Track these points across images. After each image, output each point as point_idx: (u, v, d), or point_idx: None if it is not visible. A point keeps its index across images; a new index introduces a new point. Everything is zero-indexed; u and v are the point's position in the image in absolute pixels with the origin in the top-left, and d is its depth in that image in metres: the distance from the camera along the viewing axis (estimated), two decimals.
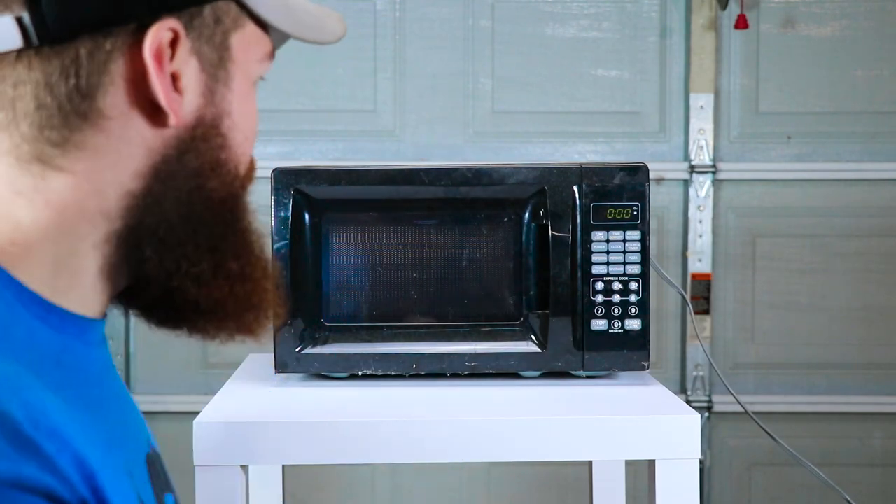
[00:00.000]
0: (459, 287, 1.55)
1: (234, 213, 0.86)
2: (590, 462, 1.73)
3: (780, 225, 3.09)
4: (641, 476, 1.36)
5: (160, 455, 0.93)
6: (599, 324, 1.53)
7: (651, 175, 1.56)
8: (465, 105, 3.08)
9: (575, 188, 1.53)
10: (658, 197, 3.03)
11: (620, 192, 1.53)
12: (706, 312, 3.07)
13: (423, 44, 3.07)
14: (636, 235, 1.53)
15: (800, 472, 2.95)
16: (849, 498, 1.58)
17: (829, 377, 3.10)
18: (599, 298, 1.53)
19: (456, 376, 1.56)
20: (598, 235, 1.53)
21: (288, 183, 1.53)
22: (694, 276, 3.07)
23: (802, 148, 3.08)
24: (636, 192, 1.53)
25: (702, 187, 3.06)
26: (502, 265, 1.55)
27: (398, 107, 3.08)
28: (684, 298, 1.69)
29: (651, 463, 1.32)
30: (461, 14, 3.07)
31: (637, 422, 1.32)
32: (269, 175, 1.53)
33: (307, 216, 1.54)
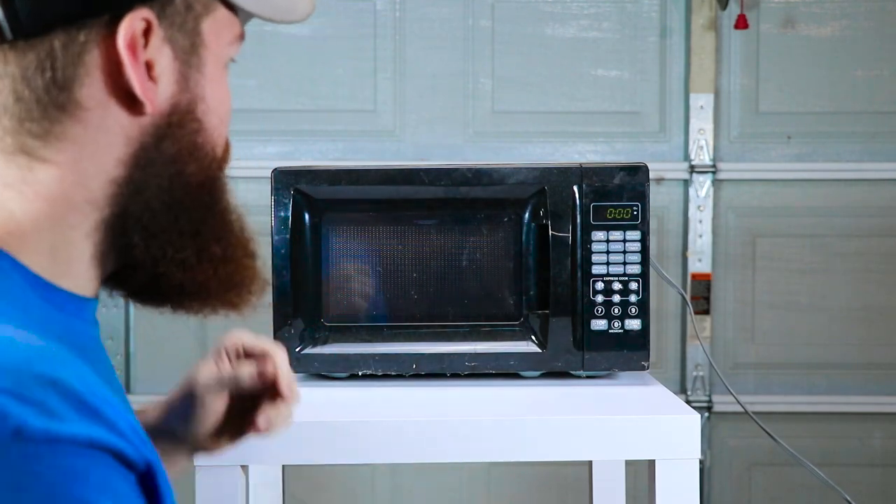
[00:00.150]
0: (459, 287, 1.55)
1: (213, 196, 0.88)
2: (590, 462, 1.73)
3: (780, 225, 3.09)
4: (641, 476, 1.36)
5: None
6: (599, 324, 1.53)
7: (651, 175, 1.56)
8: (465, 105, 3.08)
9: (575, 188, 1.53)
10: (658, 197, 3.03)
11: (620, 192, 1.53)
12: (706, 312, 3.07)
13: (423, 44, 3.07)
14: (636, 235, 1.53)
15: (800, 472, 2.95)
16: (849, 498, 1.58)
17: (829, 377, 3.10)
18: (599, 298, 1.53)
19: (456, 376, 1.56)
20: (598, 235, 1.53)
21: (288, 183, 1.53)
22: (694, 276, 3.07)
23: (802, 148, 3.08)
24: (636, 192, 1.53)
25: (702, 187, 3.06)
26: (502, 265, 1.55)
27: (398, 107, 3.08)
28: (684, 298, 1.69)
29: (651, 463, 1.32)
30: (461, 14, 3.07)
31: (637, 422, 1.32)
32: (269, 175, 1.53)
33: (307, 216, 1.54)
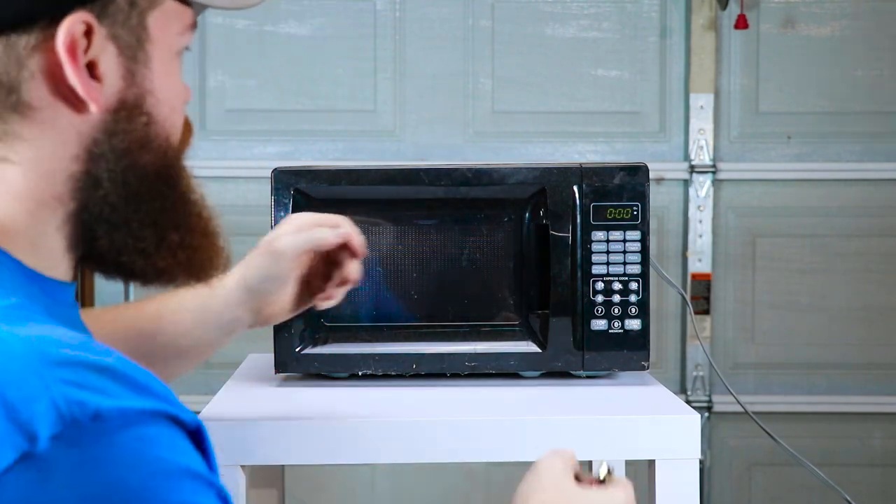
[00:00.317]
0: (459, 287, 1.55)
1: (170, 184, 0.90)
2: (590, 462, 1.73)
3: (780, 225, 3.09)
4: (641, 476, 1.36)
5: None
6: (599, 324, 1.53)
7: (651, 175, 1.56)
8: (465, 105, 3.08)
9: (575, 188, 1.53)
10: (658, 197, 3.03)
11: (620, 192, 1.53)
12: (706, 312, 3.07)
13: (423, 44, 3.07)
14: (636, 235, 1.53)
15: (800, 472, 2.95)
16: (849, 498, 1.58)
17: (829, 377, 3.10)
18: (599, 298, 1.53)
19: (456, 376, 1.56)
20: (598, 235, 1.53)
21: (288, 183, 1.52)
22: (694, 276, 3.07)
23: (802, 148, 3.08)
24: (636, 192, 1.53)
25: (702, 187, 3.06)
26: (502, 265, 1.55)
27: (398, 107, 3.08)
28: (684, 298, 1.69)
29: (651, 463, 1.32)
30: (461, 14, 3.07)
31: (637, 422, 1.32)
32: (269, 175, 1.53)
33: None
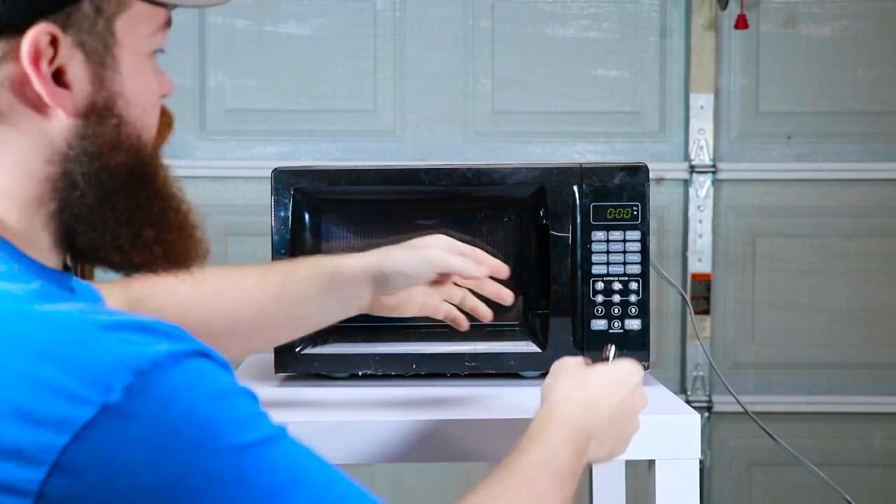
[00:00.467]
0: None
1: (143, 182, 0.92)
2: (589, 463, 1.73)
3: (780, 225, 3.09)
4: (641, 476, 1.36)
5: None
6: (599, 324, 1.53)
7: (651, 175, 1.56)
8: (465, 105, 3.08)
9: (575, 188, 1.53)
10: (658, 197, 3.03)
11: (620, 192, 1.53)
12: (706, 312, 3.07)
13: (423, 44, 3.07)
14: (636, 235, 1.53)
15: (800, 472, 2.95)
16: (849, 498, 1.57)
17: (829, 377, 3.10)
18: (599, 298, 1.53)
19: (456, 376, 1.56)
20: (598, 235, 1.53)
21: (288, 183, 1.52)
22: (694, 276, 3.07)
23: (802, 148, 3.08)
24: (636, 192, 1.53)
25: (702, 187, 3.06)
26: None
27: (398, 107, 3.08)
28: (684, 298, 1.69)
29: (651, 463, 1.32)
30: (461, 14, 3.07)
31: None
32: (269, 175, 1.53)
33: (307, 216, 1.54)
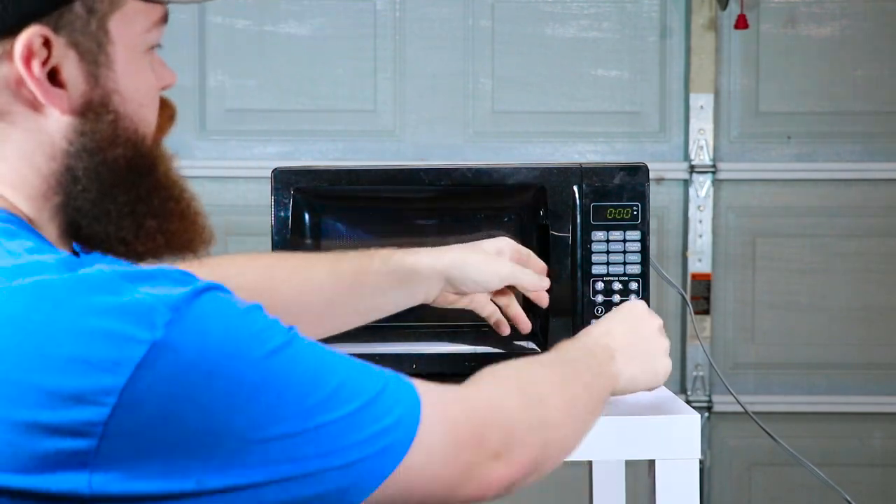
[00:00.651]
0: None
1: (143, 174, 0.94)
2: (590, 462, 1.73)
3: (780, 225, 3.09)
4: (641, 476, 1.36)
5: None
6: None
7: (651, 175, 1.56)
8: (465, 105, 3.08)
9: (575, 188, 1.53)
10: (658, 197, 3.03)
11: (620, 192, 1.53)
12: (706, 312, 3.07)
13: (423, 44, 3.07)
14: (636, 235, 1.53)
15: (800, 472, 2.94)
16: (849, 498, 1.57)
17: (829, 377, 3.10)
18: (599, 298, 1.53)
19: (456, 376, 1.55)
20: (598, 235, 1.53)
21: (288, 183, 1.52)
22: (694, 276, 3.07)
23: (802, 148, 3.08)
24: (636, 192, 1.53)
25: (702, 187, 3.06)
26: None
27: (398, 107, 3.08)
28: (684, 298, 1.69)
29: (651, 463, 1.32)
30: (461, 14, 3.07)
31: (637, 422, 1.32)
32: (269, 175, 1.53)
33: (307, 216, 1.54)
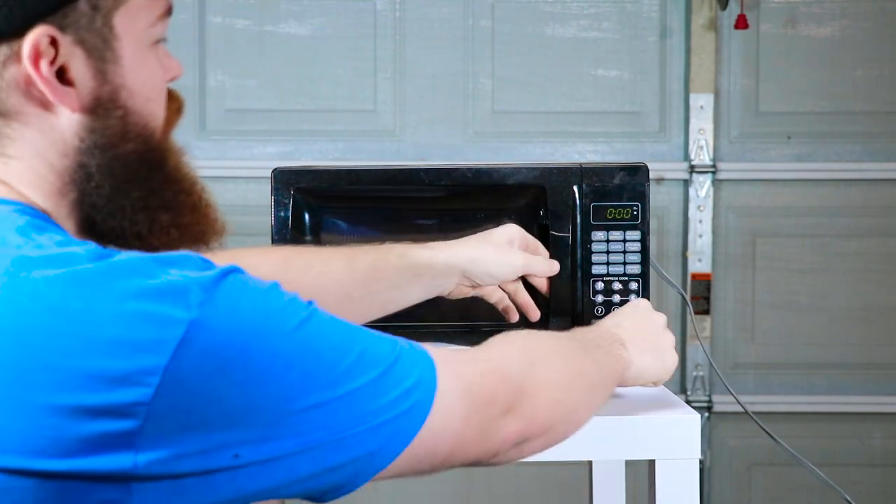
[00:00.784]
0: None
1: (154, 168, 0.95)
2: (590, 462, 1.73)
3: (780, 225, 3.09)
4: (641, 476, 1.35)
5: None
6: None
7: (651, 175, 1.56)
8: (465, 105, 3.08)
9: (575, 188, 1.53)
10: (658, 197, 3.03)
11: (620, 192, 1.53)
12: (706, 312, 3.07)
13: (423, 44, 3.07)
14: (636, 235, 1.53)
15: (800, 472, 2.95)
16: (849, 498, 1.57)
17: (829, 377, 3.10)
18: (599, 298, 1.53)
19: None
20: (598, 235, 1.53)
21: (288, 183, 1.52)
22: (694, 276, 3.07)
23: (802, 148, 3.08)
24: (636, 192, 1.53)
25: (702, 187, 3.06)
26: None
27: (398, 107, 3.08)
28: (684, 298, 1.69)
29: (651, 463, 1.32)
30: (461, 14, 3.07)
31: (637, 422, 1.32)
32: (269, 175, 1.53)
33: (307, 216, 1.54)
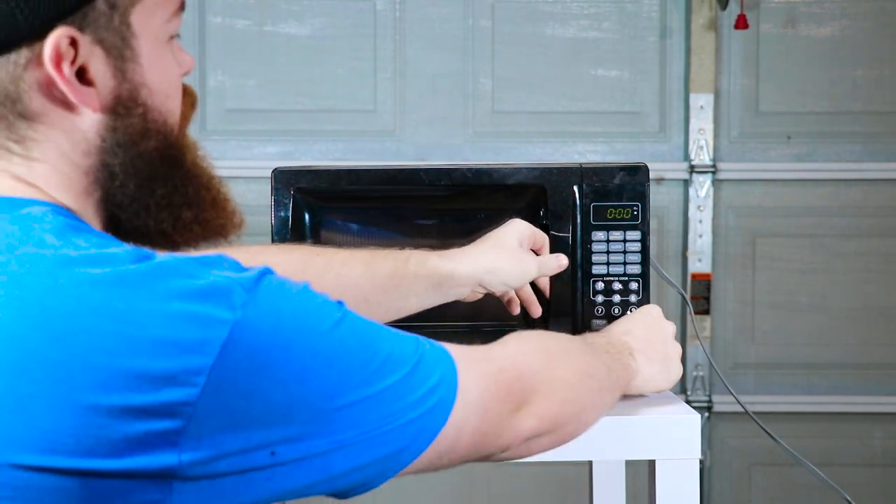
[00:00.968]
0: None
1: (175, 164, 0.96)
2: (590, 462, 1.73)
3: (780, 225, 3.09)
4: (641, 476, 1.36)
5: None
6: (600, 324, 1.53)
7: (651, 175, 1.56)
8: (465, 105, 3.08)
9: (575, 188, 1.53)
10: (658, 197, 3.03)
11: (620, 192, 1.53)
12: (706, 312, 3.07)
13: (423, 44, 3.07)
14: (636, 235, 1.53)
15: (800, 472, 2.95)
16: (849, 498, 1.57)
17: (829, 377, 3.10)
18: (599, 298, 1.53)
19: None
20: (598, 235, 1.53)
21: (288, 183, 1.52)
22: (694, 276, 3.07)
23: (802, 148, 3.08)
24: (636, 192, 1.53)
25: (702, 187, 3.06)
26: None
27: (398, 107, 3.08)
28: (684, 298, 1.69)
29: (651, 463, 1.32)
30: (461, 14, 3.07)
31: (637, 422, 1.32)
32: (269, 175, 1.53)
33: (307, 216, 1.54)
